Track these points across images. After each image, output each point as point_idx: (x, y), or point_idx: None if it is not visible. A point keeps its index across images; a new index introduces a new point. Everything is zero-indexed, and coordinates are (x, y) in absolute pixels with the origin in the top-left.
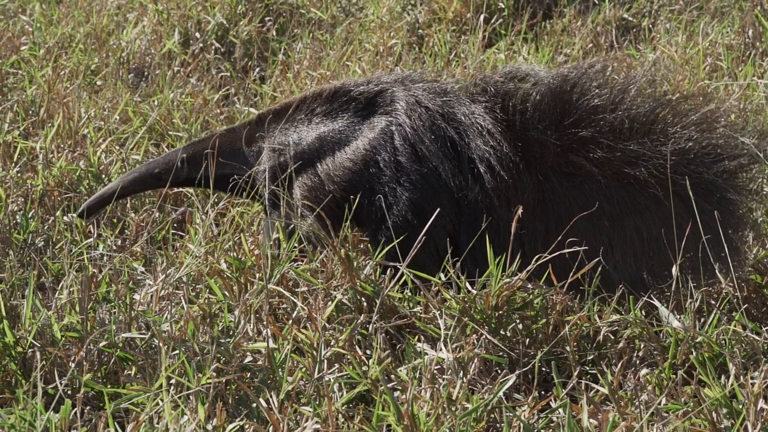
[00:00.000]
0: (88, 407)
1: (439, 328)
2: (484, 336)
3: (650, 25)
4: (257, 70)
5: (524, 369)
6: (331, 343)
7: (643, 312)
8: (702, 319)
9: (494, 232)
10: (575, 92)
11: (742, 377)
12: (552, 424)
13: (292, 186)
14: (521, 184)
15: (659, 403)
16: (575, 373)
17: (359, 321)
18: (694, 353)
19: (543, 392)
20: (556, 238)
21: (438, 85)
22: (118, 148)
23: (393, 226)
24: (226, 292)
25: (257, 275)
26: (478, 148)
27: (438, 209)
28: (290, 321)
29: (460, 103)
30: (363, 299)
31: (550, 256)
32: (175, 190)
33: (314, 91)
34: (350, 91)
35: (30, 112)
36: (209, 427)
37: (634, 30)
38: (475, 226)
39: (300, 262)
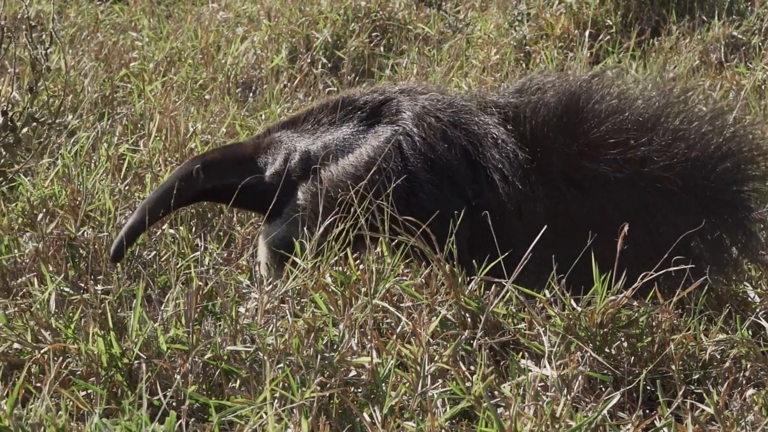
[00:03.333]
0: (192, 419)
1: (543, 345)
2: (588, 353)
3: (760, 43)
4: (364, 85)
5: (629, 387)
6: (435, 359)
7: (750, 332)
8: None
9: (506, 242)
10: (582, 100)
11: None
12: None
13: (294, 194)
14: (533, 194)
15: (766, 424)
16: (680, 393)
17: (463, 337)
18: None
19: (647, 411)
20: (564, 244)
21: (444, 97)
22: None
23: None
24: (331, 307)
25: (362, 290)
26: (492, 158)
27: (452, 218)
28: (394, 336)
29: (472, 114)
30: (467, 315)
31: (655, 275)
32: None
33: (320, 103)
34: (355, 101)
35: (139, 125)
36: None
37: (744, 48)
38: (487, 234)
39: (405, 277)
